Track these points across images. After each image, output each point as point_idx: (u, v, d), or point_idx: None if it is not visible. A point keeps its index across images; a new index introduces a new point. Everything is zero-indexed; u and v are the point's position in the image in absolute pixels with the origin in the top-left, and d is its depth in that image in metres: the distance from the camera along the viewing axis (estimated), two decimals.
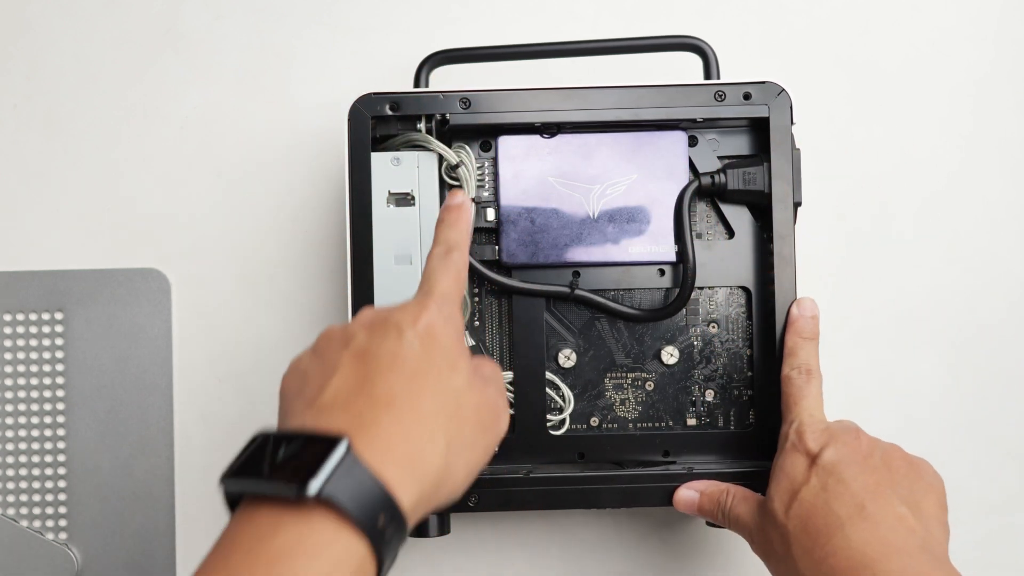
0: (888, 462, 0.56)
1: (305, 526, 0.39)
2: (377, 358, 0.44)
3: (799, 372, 0.60)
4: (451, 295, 0.49)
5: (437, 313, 0.47)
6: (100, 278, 0.71)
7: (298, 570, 0.38)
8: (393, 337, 0.45)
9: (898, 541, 0.52)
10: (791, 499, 0.55)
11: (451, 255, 0.51)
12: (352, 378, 0.44)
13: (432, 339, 0.46)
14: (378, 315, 0.47)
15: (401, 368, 0.44)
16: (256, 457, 0.41)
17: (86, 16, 0.73)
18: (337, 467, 0.40)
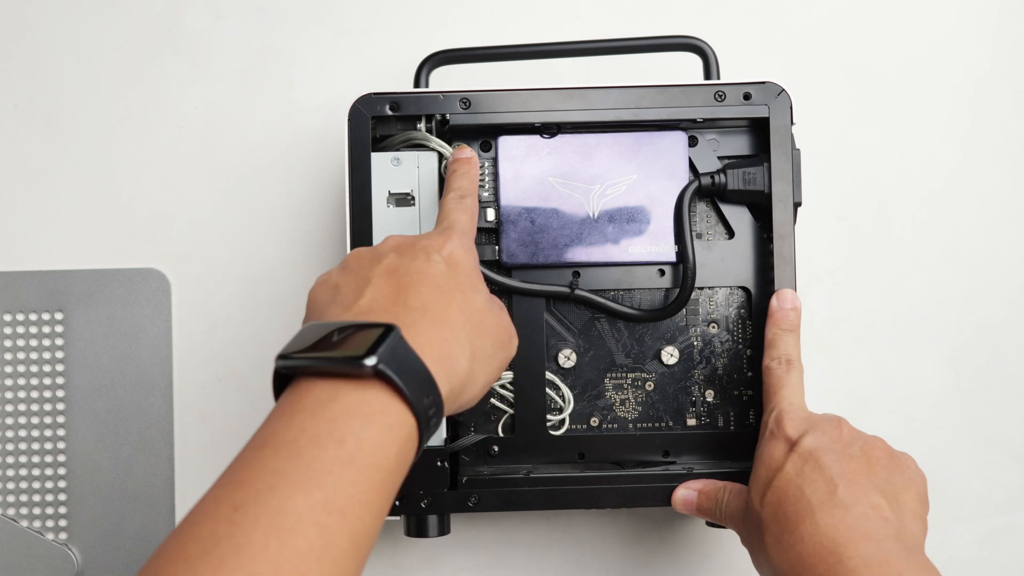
0: (868, 452, 0.55)
1: (362, 394, 0.43)
2: (408, 274, 0.49)
3: (779, 363, 0.60)
4: (468, 230, 0.55)
5: (459, 243, 0.52)
6: (100, 278, 0.71)
7: (356, 430, 0.43)
8: (422, 258, 0.50)
9: (868, 528, 0.51)
10: (766, 487, 0.55)
11: (465, 200, 0.57)
12: (387, 288, 0.48)
13: (456, 263, 0.51)
14: (405, 239, 0.52)
15: (431, 283, 0.49)
16: (311, 340, 0.45)
17: (86, 16, 0.73)
18: (392, 347, 0.44)
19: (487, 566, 0.71)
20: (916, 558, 0.50)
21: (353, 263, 0.51)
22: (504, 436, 0.65)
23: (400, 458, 0.44)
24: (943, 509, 0.71)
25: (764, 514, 0.54)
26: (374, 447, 0.43)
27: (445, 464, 0.62)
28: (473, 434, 0.64)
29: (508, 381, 0.65)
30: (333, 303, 0.49)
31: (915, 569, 0.49)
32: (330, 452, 0.42)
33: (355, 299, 0.48)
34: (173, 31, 0.73)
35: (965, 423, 0.72)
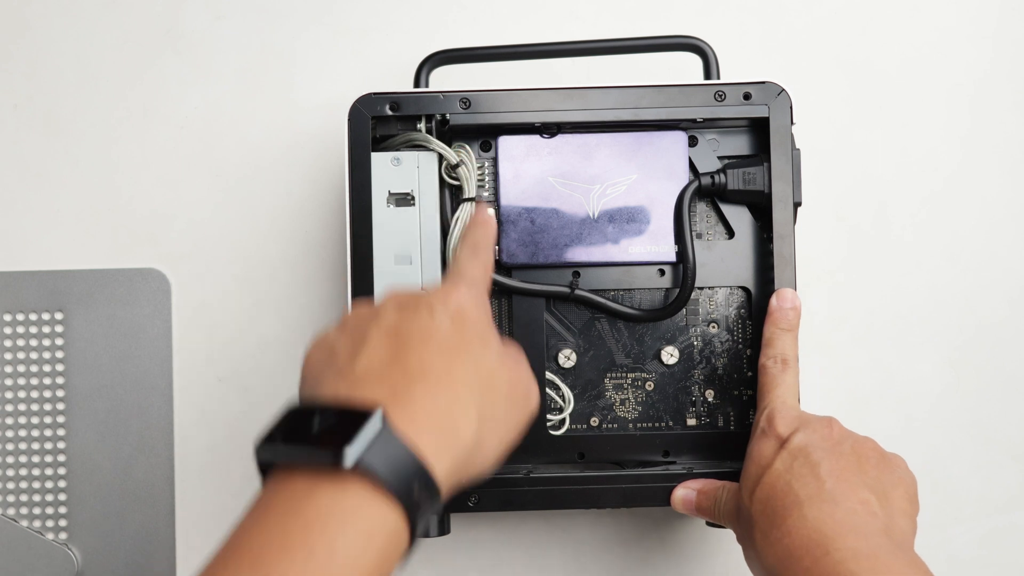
0: (859, 451, 0.55)
1: (340, 493, 0.39)
2: (409, 333, 0.45)
3: (775, 362, 0.60)
4: (480, 281, 0.50)
5: (467, 294, 0.48)
6: (100, 278, 0.71)
7: (333, 536, 0.39)
8: (424, 314, 0.46)
9: (857, 522, 0.51)
10: (756, 483, 0.55)
11: (479, 252, 0.52)
12: (384, 350, 0.44)
13: (463, 317, 0.46)
14: (408, 295, 0.47)
15: (433, 342, 0.45)
16: (290, 426, 0.42)
17: (86, 16, 0.73)
18: (373, 437, 0.40)
19: (487, 566, 0.71)
20: (905, 553, 0.50)
21: (351, 322, 0.47)
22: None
23: (382, 562, 0.40)
24: (943, 509, 0.71)
25: (754, 510, 0.54)
26: (349, 557, 0.39)
27: None
28: None
29: None
30: (328, 367, 0.45)
31: (903, 564, 0.49)
32: (297, 566, 0.38)
33: (350, 363, 0.44)
34: (173, 31, 0.73)
35: (965, 423, 0.72)
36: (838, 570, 0.48)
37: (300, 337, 0.71)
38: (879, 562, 0.48)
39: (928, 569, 0.49)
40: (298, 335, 0.71)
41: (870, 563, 0.48)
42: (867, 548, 0.49)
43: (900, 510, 0.53)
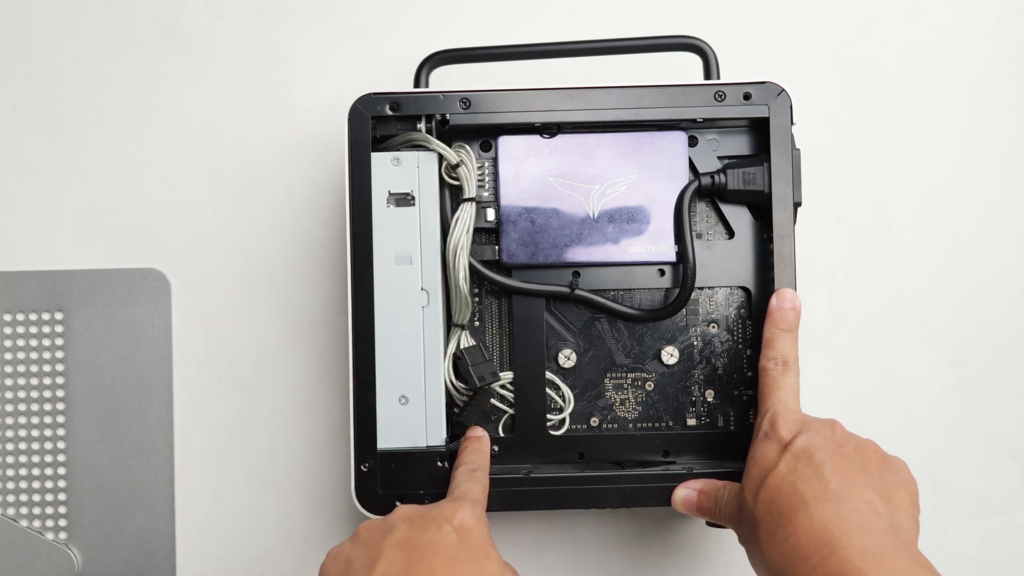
0: (861, 453, 0.55)
1: None
2: (420, 546, 0.50)
3: (775, 363, 0.60)
4: (480, 501, 0.57)
5: (470, 511, 0.53)
6: (100, 278, 0.71)
7: None
8: (433, 528, 0.51)
9: (862, 521, 0.51)
10: (759, 484, 0.55)
11: (476, 473, 0.59)
12: (399, 562, 0.49)
13: (467, 532, 0.52)
14: (416, 510, 0.53)
15: (443, 554, 0.50)
16: None
17: (86, 16, 0.73)
18: None
19: None
20: (910, 551, 0.50)
21: (364, 535, 0.52)
22: (504, 436, 0.65)
23: None
24: (943, 509, 0.71)
25: (758, 511, 0.54)
26: None
27: (445, 464, 0.62)
28: None
29: (508, 381, 0.65)
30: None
31: (909, 561, 0.49)
32: None
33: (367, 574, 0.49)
34: (173, 31, 0.73)
35: (965, 423, 0.72)
36: (845, 568, 0.48)
37: (300, 337, 0.71)
38: (885, 559, 0.48)
39: (933, 567, 0.49)
40: (298, 335, 0.71)
41: (876, 560, 0.48)
42: (873, 546, 0.49)
43: (904, 510, 0.53)
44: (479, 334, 0.65)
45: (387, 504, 0.61)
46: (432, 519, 0.52)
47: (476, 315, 0.65)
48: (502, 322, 0.65)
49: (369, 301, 0.62)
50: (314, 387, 0.71)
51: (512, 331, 0.65)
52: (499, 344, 0.66)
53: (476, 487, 0.58)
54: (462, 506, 0.53)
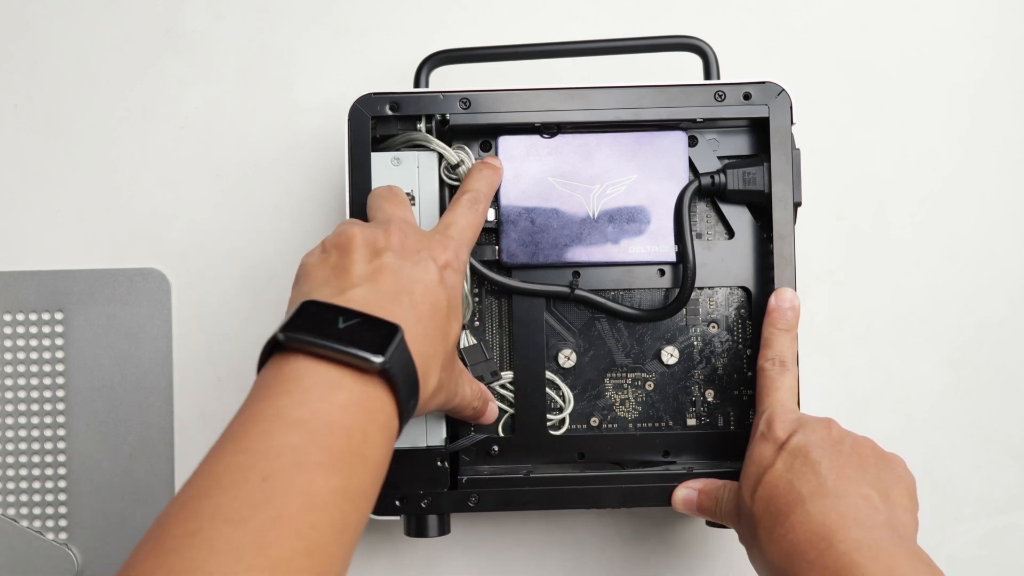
0: (858, 450, 0.55)
1: (365, 388, 0.45)
2: (410, 279, 0.50)
3: (773, 364, 0.60)
4: (469, 241, 0.57)
5: (455, 258, 0.53)
6: (100, 278, 0.71)
7: (363, 425, 0.45)
8: (422, 267, 0.51)
9: (860, 515, 0.51)
10: (757, 483, 0.55)
11: (477, 205, 0.58)
12: (388, 287, 0.49)
13: (450, 281, 0.52)
14: (407, 242, 0.52)
15: (428, 296, 0.50)
16: (316, 321, 0.46)
17: (86, 16, 0.73)
18: (397, 350, 0.46)
19: (487, 566, 0.71)
20: (908, 544, 0.50)
21: (352, 247, 0.51)
22: (504, 436, 0.65)
23: (388, 456, 0.47)
24: (943, 509, 0.71)
25: (755, 509, 0.54)
26: (375, 443, 0.45)
27: (445, 464, 0.62)
28: (473, 434, 0.64)
29: (508, 381, 0.65)
30: (327, 284, 0.49)
31: (907, 555, 0.49)
32: (342, 441, 0.43)
33: (352, 287, 0.49)
34: (173, 31, 0.73)
35: (965, 423, 0.72)
36: (842, 561, 0.49)
37: None
38: (882, 552, 0.48)
39: (931, 560, 0.49)
40: None
41: (873, 553, 0.48)
42: (870, 539, 0.49)
43: (901, 506, 0.53)
44: (479, 334, 0.65)
45: (387, 504, 0.61)
46: (423, 256, 0.51)
47: (476, 315, 0.66)
48: (502, 322, 0.65)
49: None
50: None
51: (512, 331, 0.65)
52: (499, 344, 0.66)
53: (470, 226, 0.57)
54: (449, 247, 0.53)
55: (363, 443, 0.44)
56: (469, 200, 0.58)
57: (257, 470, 0.41)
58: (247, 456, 0.42)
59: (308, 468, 0.42)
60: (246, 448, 0.42)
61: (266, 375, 0.46)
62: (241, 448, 0.42)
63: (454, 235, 0.55)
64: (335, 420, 0.44)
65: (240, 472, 0.41)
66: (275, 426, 0.43)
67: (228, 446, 0.43)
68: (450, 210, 0.57)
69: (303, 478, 0.41)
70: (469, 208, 0.58)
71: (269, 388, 0.45)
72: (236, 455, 0.42)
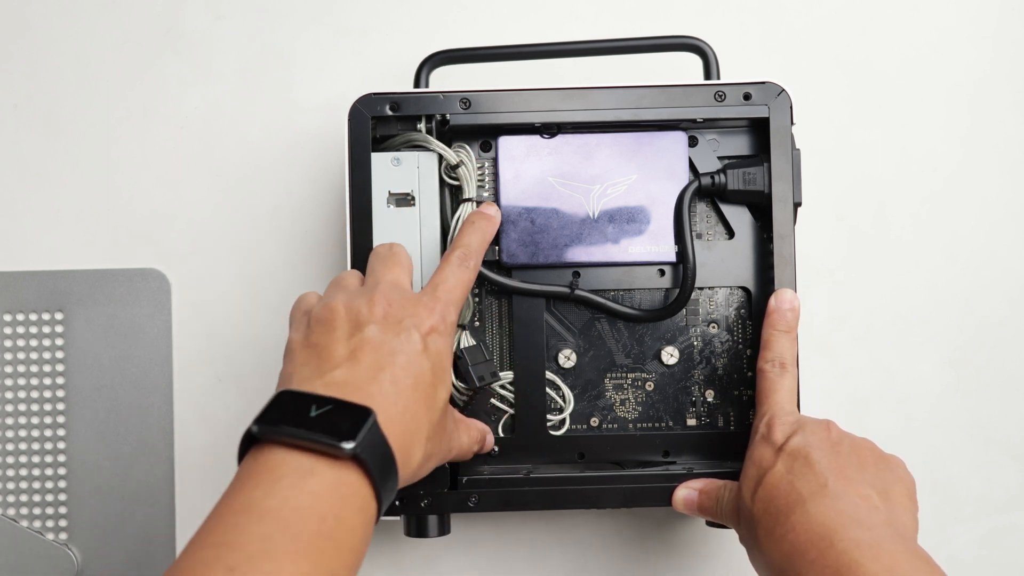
0: (858, 451, 0.55)
1: (338, 474, 0.46)
2: (391, 353, 0.51)
3: (772, 365, 0.60)
4: (457, 304, 0.56)
5: (442, 321, 0.54)
6: (100, 278, 0.71)
7: (336, 509, 0.45)
8: (404, 338, 0.51)
9: (860, 515, 0.51)
10: (757, 484, 0.55)
11: (468, 261, 0.58)
12: (367, 364, 0.50)
13: (435, 348, 0.53)
14: (390, 311, 0.52)
15: (409, 369, 0.51)
16: (290, 411, 0.47)
17: (86, 16, 0.73)
18: (369, 434, 0.47)
19: (487, 566, 0.71)
20: (908, 543, 0.50)
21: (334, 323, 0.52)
22: (504, 436, 0.65)
23: (366, 539, 0.47)
24: (943, 509, 0.71)
25: (756, 510, 0.55)
26: (349, 527, 0.45)
27: (445, 464, 0.62)
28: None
29: (508, 381, 0.65)
30: (307, 366, 0.51)
31: (908, 554, 0.49)
32: (312, 526, 0.44)
33: (331, 369, 0.50)
34: (173, 31, 0.73)
35: (965, 423, 0.72)
36: (842, 560, 0.49)
37: None
38: (883, 550, 0.48)
39: (932, 559, 0.49)
40: None
41: (874, 552, 0.48)
42: (870, 538, 0.49)
43: (901, 506, 0.53)
44: (479, 334, 0.65)
45: None
46: (405, 328, 0.52)
47: (476, 315, 0.65)
48: (502, 322, 0.65)
49: None
50: None
51: (512, 331, 0.65)
52: (499, 344, 0.66)
53: (459, 286, 0.56)
54: (434, 312, 0.53)
55: (336, 527, 0.45)
56: (459, 257, 0.58)
57: (223, 562, 0.42)
58: (215, 550, 0.42)
59: (275, 556, 0.42)
60: (215, 542, 0.43)
61: (243, 468, 0.47)
62: (210, 543, 0.43)
63: (441, 296, 0.55)
64: (306, 506, 0.44)
65: (205, 566, 0.42)
66: (246, 518, 0.44)
67: (199, 541, 0.44)
68: (440, 268, 0.57)
69: (269, 566, 0.42)
70: (459, 266, 0.57)
71: (243, 481, 0.46)
72: (204, 550, 0.43)
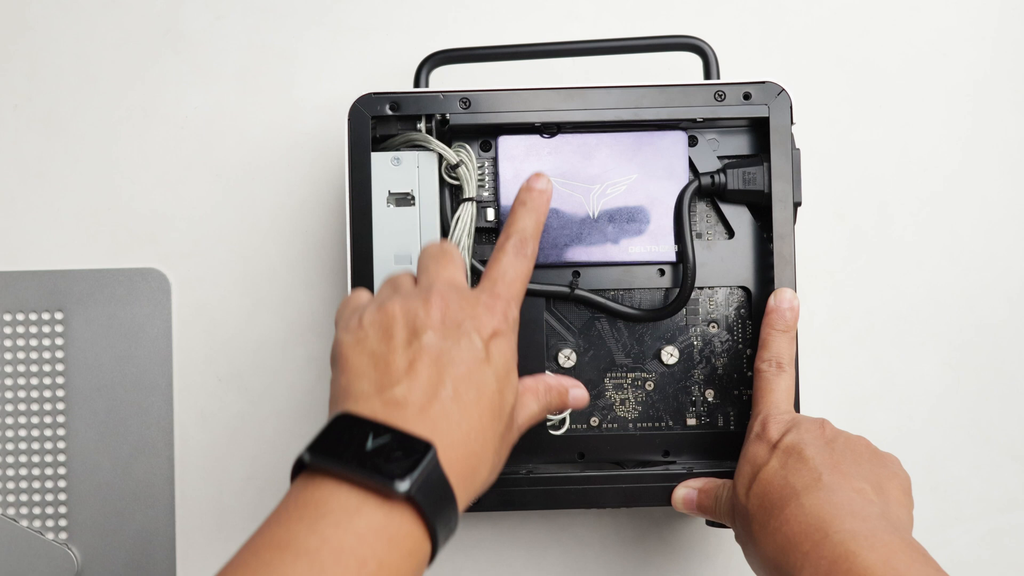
0: (852, 447, 0.55)
1: (388, 514, 0.43)
2: (451, 364, 0.47)
3: (769, 365, 0.60)
4: (519, 297, 0.51)
5: (503, 321, 0.49)
6: (100, 278, 0.71)
7: (380, 553, 0.42)
8: (465, 345, 0.48)
9: (854, 507, 0.51)
10: (751, 481, 0.55)
11: (525, 248, 0.52)
12: (426, 378, 0.46)
13: (497, 351, 0.49)
14: (449, 314, 0.48)
15: (471, 379, 0.47)
16: (344, 440, 0.44)
17: (86, 16, 0.73)
18: (426, 473, 0.43)
19: (487, 566, 0.71)
20: (903, 535, 0.50)
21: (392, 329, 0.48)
22: None
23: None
24: (943, 509, 0.71)
25: (750, 506, 0.55)
26: (392, 572, 0.43)
27: None
28: None
29: None
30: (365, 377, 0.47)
31: (903, 545, 0.48)
32: (351, 571, 0.41)
33: (391, 384, 0.46)
34: (173, 31, 0.73)
35: (965, 423, 0.72)
36: (838, 551, 0.48)
37: (300, 337, 0.71)
38: (878, 541, 0.48)
39: (927, 552, 0.49)
40: (298, 335, 0.71)
41: (869, 542, 0.48)
42: (865, 529, 0.49)
43: (896, 500, 0.53)
44: None
45: None
46: (465, 332, 0.48)
47: None
48: None
49: None
50: (314, 387, 0.71)
51: None
52: None
53: (519, 277, 0.51)
54: (495, 313, 0.49)
55: (378, 572, 0.42)
56: (515, 245, 0.52)
57: None
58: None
59: None
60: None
61: (290, 496, 0.44)
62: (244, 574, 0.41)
63: (502, 292, 0.50)
64: (347, 548, 0.41)
65: None
66: (282, 555, 0.41)
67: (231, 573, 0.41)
68: (495, 258, 0.52)
69: None
70: (516, 255, 0.52)
71: (287, 512, 0.43)
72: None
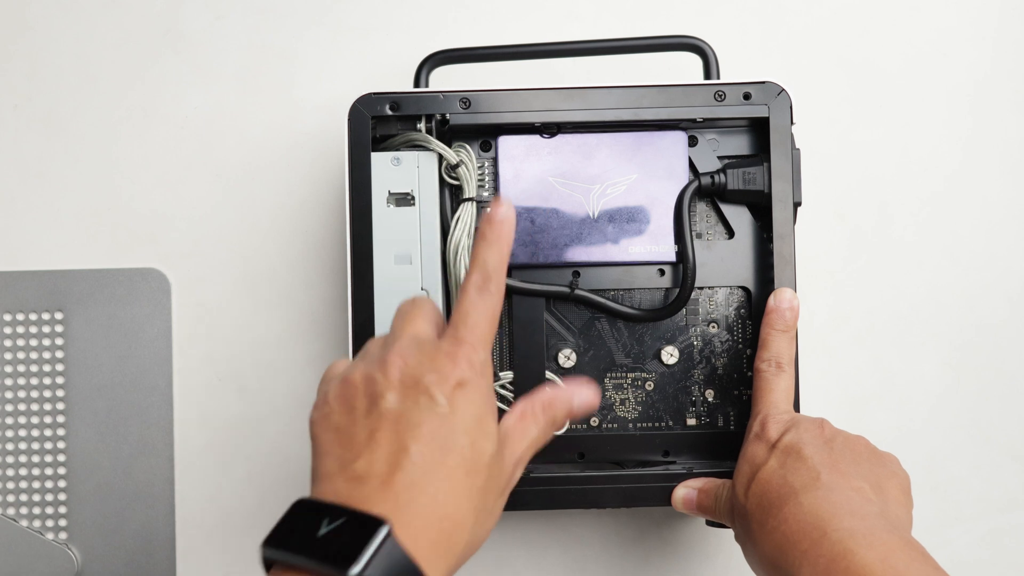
0: (851, 447, 0.55)
1: None
2: (410, 427, 0.45)
3: (769, 365, 0.60)
4: (485, 339, 0.48)
5: (468, 368, 0.46)
6: (100, 278, 0.71)
7: None
8: (425, 403, 0.45)
9: (853, 505, 0.51)
10: (750, 480, 0.55)
11: (488, 287, 0.49)
12: (386, 448, 0.44)
13: (464, 402, 0.46)
14: (407, 372, 0.46)
15: (434, 439, 0.44)
16: (299, 528, 0.42)
17: (86, 16, 0.73)
18: (376, 552, 0.41)
19: (487, 566, 0.71)
20: (902, 534, 0.50)
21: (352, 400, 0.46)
22: None
23: None
24: (943, 509, 0.71)
25: (749, 505, 0.55)
26: None
27: None
28: None
29: (508, 381, 0.65)
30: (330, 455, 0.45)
31: (902, 543, 0.48)
32: None
33: (352, 458, 0.44)
34: (173, 31, 0.73)
35: (965, 423, 0.72)
36: (836, 549, 0.48)
37: (300, 337, 0.71)
38: (876, 539, 0.48)
39: (926, 551, 0.49)
40: (298, 335, 0.71)
41: (868, 541, 0.48)
42: (864, 527, 0.49)
43: (895, 500, 0.53)
44: None
45: None
46: (424, 389, 0.45)
47: None
48: (502, 322, 0.65)
49: (369, 301, 0.62)
50: (314, 387, 0.71)
51: (512, 331, 0.65)
52: (499, 344, 0.65)
53: (484, 319, 0.48)
54: (458, 362, 0.46)
55: None
56: (477, 285, 0.48)
57: None
58: None
59: None
60: None
61: None
62: None
63: (465, 337, 0.47)
64: None
65: None
66: None
67: None
68: (459, 299, 0.49)
69: None
70: (479, 294, 0.48)
71: None
72: None
